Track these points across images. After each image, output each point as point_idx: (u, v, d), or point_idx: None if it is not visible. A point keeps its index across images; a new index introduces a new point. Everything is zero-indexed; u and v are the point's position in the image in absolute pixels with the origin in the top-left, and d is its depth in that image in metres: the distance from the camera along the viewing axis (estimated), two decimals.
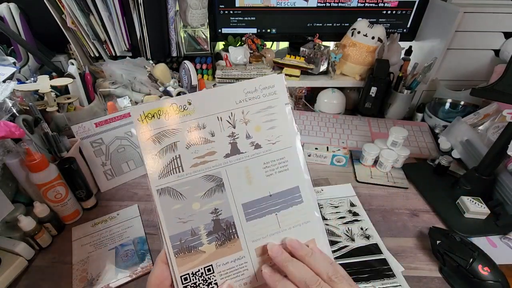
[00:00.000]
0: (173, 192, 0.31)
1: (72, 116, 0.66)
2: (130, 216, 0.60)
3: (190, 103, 0.31)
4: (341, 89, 0.92)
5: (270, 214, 0.32)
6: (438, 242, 0.51)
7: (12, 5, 0.75)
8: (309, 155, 0.74)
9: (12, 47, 0.79)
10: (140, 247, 0.54)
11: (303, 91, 0.95)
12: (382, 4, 0.88)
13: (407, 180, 0.69)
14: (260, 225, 0.32)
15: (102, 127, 0.64)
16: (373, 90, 0.83)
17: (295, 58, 0.88)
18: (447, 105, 0.84)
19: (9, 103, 0.53)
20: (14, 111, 0.54)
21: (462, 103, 0.83)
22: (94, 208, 0.62)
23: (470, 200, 0.59)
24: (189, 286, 0.30)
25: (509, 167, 0.60)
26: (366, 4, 0.88)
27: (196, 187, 0.31)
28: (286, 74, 0.90)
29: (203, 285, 0.30)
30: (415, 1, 0.88)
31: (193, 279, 0.30)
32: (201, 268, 0.30)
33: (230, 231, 0.32)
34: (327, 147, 0.74)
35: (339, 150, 0.73)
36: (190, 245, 0.31)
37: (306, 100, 0.97)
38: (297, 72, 0.89)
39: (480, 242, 0.54)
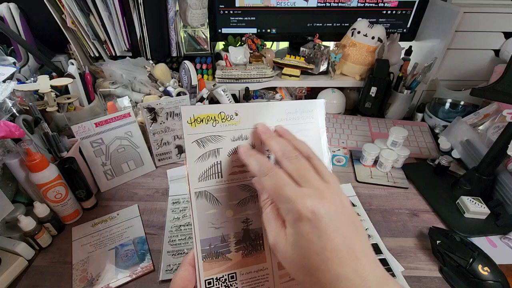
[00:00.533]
0: (210, 196, 0.31)
1: (72, 116, 0.66)
2: (130, 216, 0.60)
3: (237, 114, 0.32)
4: (341, 89, 0.93)
5: None
6: (438, 242, 0.51)
7: (12, 5, 0.75)
8: None
9: (12, 47, 0.79)
10: (140, 247, 0.54)
11: (303, 91, 0.95)
12: (382, 4, 0.88)
13: (407, 180, 0.69)
14: None
15: (102, 127, 0.64)
16: (373, 90, 0.83)
17: (295, 58, 0.88)
18: (447, 105, 0.84)
19: (9, 103, 0.53)
20: (14, 111, 0.54)
21: (462, 103, 0.83)
22: (94, 208, 0.62)
23: (470, 200, 0.59)
24: None
25: (509, 167, 0.60)
26: (366, 4, 0.88)
27: (232, 195, 0.32)
28: (286, 74, 0.90)
29: None
30: (415, 1, 0.88)
31: (216, 284, 0.31)
32: (226, 275, 0.31)
33: (258, 242, 0.32)
34: None
35: (339, 150, 0.73)
36: (219, 251, 0.31)
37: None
38: (297, 72, 0.89)
39: (480, 242, 0.54)
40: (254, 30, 0.94)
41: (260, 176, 0.28)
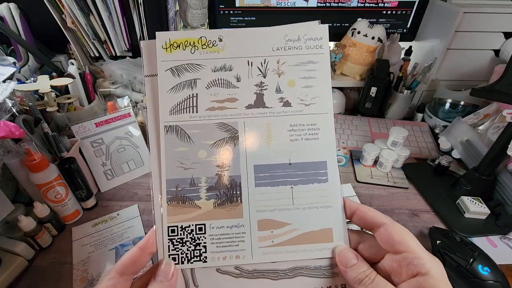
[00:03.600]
0: (181, 132, 0.28)
1: (72, 116, 0.66)
2: (130, 216, 0.60)
3: (221, 40, 0.28)
4: (341, 89, 0.92)
5: (284, 185, 0.28)
6: (438, 242, 0.51)
7: (12, 5, 0.75)
8: None
9: (12, 47, 0.79)
10: None
11: None
12: (382, 4, 0.88)
13: (407, 180, 0.69)
14: (270, 195, 0.28)
15: (102, 127, 0.64)
16: (373, 90, 0.83)
17: None
18: (447, 105, 0.84)
19: (9, 103, 0.53)
20: (14, 111, 0.54)
21: (462, 103, 0.83)
22: (94, 208, 0.62)
23: (470, 200, 0.59)
24: (174, 240, 0.27)
25: (509, 167, 0.60)
26: (366, 4, 0.88)
27: (207, 133, 0.28)
28: None
29: (190, 243, 0.27)
30: (415, 1, 0.88)
31: (180, 234, 0.27)
32: (193, 225, 0.27)
33: (234, 192, 0.28)
34: None
35: (339, 150, 0.73)
36: (186, 195, 0.27)
37: None
38: None
39: (480, 242, 0.54)
40: None
41: None
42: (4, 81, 0.58)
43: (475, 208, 0.57)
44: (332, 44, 0.95)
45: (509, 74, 0.51)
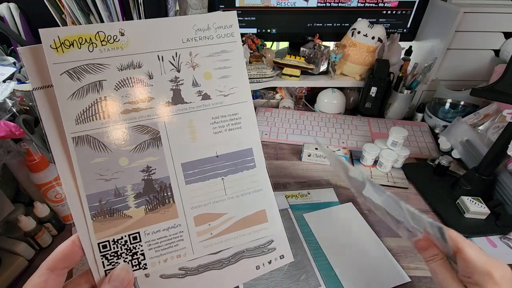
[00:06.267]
0: (94, 142, 0.25)
1: None
2: None
3: (123, 34, 0.25)
4: (341, 89, 0.93)
5: (215, 178, 0.28)
6: None
7: (12, 5, 0.75)
8: (309, 155, 0.74)
9: (12, 47, 0.79)
10: None
11: (303, 91, 0.95)
12: (382, 4, 0.88)
13: (407, 180, 0.69)
14: (202, 190, 0.28)
15: None
16: (373, 90, 0.83)
17: (295, 58, 0.88)
18: (447, 105, 0.84)
19: (9, 103, 0.53)
20: (14, 111, 0.54)
21: (462, 103, 0.83)
22: None
23: (470, 200, 0.59)
24: (108, 255, 0.25)
25: (509, 167, 0.60)
26: (366, 4, 0.88)
27: (125, 139, 0.26)
28: (286, 74, 0.90)
29: (127, 254, 0.26)
30: (415, 1, 0.88)
31: (113, 247, 0.26)
32: (125, 236, 0.26)
33: (165, 194, 0.27)
34: (327, 147, 0.74)
35: (339, 150, 0.73)
36: (113, 208, 0.26)
37: (306, 100, 0.97)
38: (297, 72, 0.89)
39: (480, 242, 0.54)
40: (254, 30, 0.94)
41: None
42: (4, 81, 0.58)
43: (475, 208, 0.57)
44: (332, 44, 0.95)
45: (509, 74, 0.51)
